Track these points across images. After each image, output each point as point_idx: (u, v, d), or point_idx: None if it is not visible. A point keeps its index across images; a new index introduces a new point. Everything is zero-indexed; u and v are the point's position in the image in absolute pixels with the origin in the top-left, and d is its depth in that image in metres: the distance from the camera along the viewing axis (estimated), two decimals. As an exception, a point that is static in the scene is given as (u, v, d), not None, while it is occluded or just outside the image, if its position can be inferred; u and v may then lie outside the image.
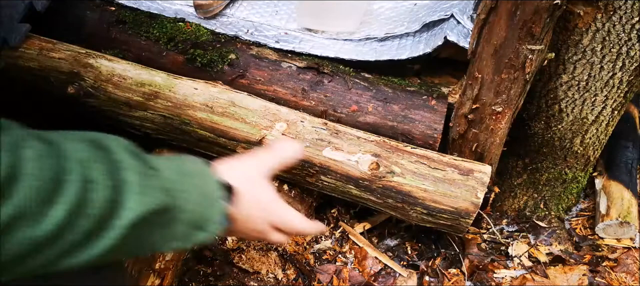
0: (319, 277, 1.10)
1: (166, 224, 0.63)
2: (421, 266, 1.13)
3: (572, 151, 1.10)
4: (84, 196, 0.53)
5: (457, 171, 0.93)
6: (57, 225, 0.51)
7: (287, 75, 1.05)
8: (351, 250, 1.17)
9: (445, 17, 1.03)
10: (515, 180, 1.21)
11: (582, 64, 0.94)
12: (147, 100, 1.00)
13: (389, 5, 1.18)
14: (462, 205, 0.91)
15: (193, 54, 1.07)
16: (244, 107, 0.99)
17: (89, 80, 1.01)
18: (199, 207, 0.66)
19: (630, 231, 1.17)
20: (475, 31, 0.86)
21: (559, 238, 1.19)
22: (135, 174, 0.58)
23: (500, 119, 0.94)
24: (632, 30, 0.87)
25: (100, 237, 0.55)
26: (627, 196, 1.18)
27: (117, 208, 0.56)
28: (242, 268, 1.09)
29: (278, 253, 1.12)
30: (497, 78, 0.88)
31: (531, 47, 0.81)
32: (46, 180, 0.50)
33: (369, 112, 1.02)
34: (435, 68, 1.10)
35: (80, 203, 0.52)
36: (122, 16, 1.10)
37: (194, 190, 0.66)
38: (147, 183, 0.59)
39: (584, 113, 1.02)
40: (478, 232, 1.20)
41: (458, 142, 1.02)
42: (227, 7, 1.17)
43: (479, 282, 1.11)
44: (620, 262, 1.14)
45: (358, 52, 1.08)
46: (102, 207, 0.54)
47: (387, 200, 0.95)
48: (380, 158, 0.93)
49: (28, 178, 0.49)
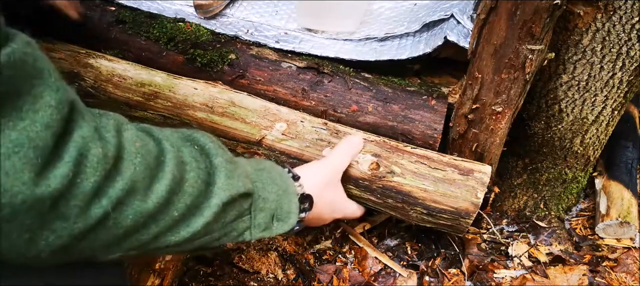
0: (319, 277, 1.10)
1: (250, 210, 0.67)
2: (421, 266, 1.13)
3: (572, 151, 1.10)
4: (181, 175, 0.57)
5: (457, 171, 0.93)
6: (163, 198, 0.54)
7: (287, 75, 1.05)
8: (351, 250, 1.17)
9: (445, 17, 1.03)
10: (515, 180, 1.21)
11: (582, 64, 0.94)
12: (147, 100, 1.00)
13: (389, 5, 1.18)
14: (462, 205, 0.91)
15: (193, 54, 1.07)
16: (244, 107, 0.99)
17: (89, 80, 1.01)
18: (279, 199, 0.71)
19: (630, 231, 1.17)
20: (475, 31, 0.86)
21: (559, 238, 1.19)
22: (223, 160, 0.63)
23: (500, 119, 0.94)
24: (632, 30, 0.87)
25: (197, 215, 0.59)
26: (627, 196, 1.18)
27: (211, 188, 0.60)
28: (242, 268, 1.09)
29: (278, 253, 1.12)
30: (497, 78, 0.88)
31: (531, 47, 0.81)
32: (149, 159, 0.55)
33: (369, 112, 1.02)
34: (435, 68, 1.10)
35: (178, 181, 0.57)
36: (122, 16, 1.10)
37: (272, 183, 0.71)
38: (232, 168, 0.64)
39: (584, 113, 1.02)
40: (478, 232, 1.20)
41: (458, 142, 1.02)
42: (227, 7, 1.17)
43: (479, 282, 1.11)
44: (620, 262, 1.14)
45: (358, 52, 1.08)
46: (197, 186, 0.59)
47: (387, 200, 0.95)
48: (380, 158, 0.93)
49: (134, 156, 0.53)
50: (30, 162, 0.44)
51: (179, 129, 0.66)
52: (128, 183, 0.51)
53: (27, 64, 0.44)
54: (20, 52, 0.43)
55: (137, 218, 0.53)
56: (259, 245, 1.13)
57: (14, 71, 0.43)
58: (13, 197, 0.43)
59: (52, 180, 0.45)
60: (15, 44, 0.43)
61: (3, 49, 0.42)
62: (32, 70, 0.45)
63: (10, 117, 0.43)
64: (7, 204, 0.44)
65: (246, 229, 0.68)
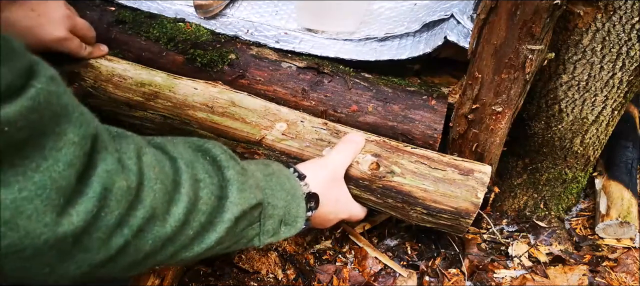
0: (319, 277, 1.10)
1: (259, 219, 0.67)
2: (421, 266, 1.13)
3: (572, 151, 1.10)
4: (195, 194, 0.57)
5: (457, 171, 0.93)
6: (180, 221, 0.55)
7: (287, 75, 1.05)
8: (351, 250, 1.17)
9: (445, 17, 1.03)
10: (515, 180, 1.21)
11: (582, 64, 0.94)
12: (147, 100, 1.00)
13: (389, 5, 1.18)
14: (462, 205, 0.91)
15: (193, 54, 1.07)
16: (244, 107, 0.99)
17: (89, 80, 1.01)
18: (287, 204, 0.72)
19: (630, 231, 1.17)
20: (475, 31, 0.86)
21: (559, 238, 1.19)
22: (234, 173, 0.63)
23: (500, 119, 0.94)
24: (632, 30, 0.87)
25: (211, 231, 0.59)
26: (627, 196, 1.18)
27: (224, 203, 0.60)
28: (242, 268, 1.09)
29: (278, 253, 1.12)
30: (497, 78, 0.88)
31: (531, 47, 0.81)
32: (167, 183, 0.55)
33: (369, 112, 1.02)
34: (435, 68, 1.10)
35: (194, 201, 0.57)
36: (122, 16, 1.10)
37: (281, 190, 0.71)
38: (244, 180, 0.64)
39: (584, 113, 1.02)
40: (478, 232, 1.20)
41: (458, 142, 1.02)
42: (227, 7, 1.17)
43: (479, 282, 1.11)
44: (620, 262, 1.14)
45: (358, 52, 1.08)
46: (211, 203, 0.59)
47: (387, 200, 0.95)
48: (380, 158, 0.93)
49: (154, 182, 0.53)
50: (52, 203, 0.43)
51: (190, 139, 0.66)
52: (149, 210, 0.51)
53: (51, 104, 0.42)
54: (45, 92, 0.41)
55: (156, 243, 0.53)
56: (259, 245, 1.13)
57: (38, 114, 0.41)
58: (35, 238, 0.43)
59: (74, 217, 0.45)
60: (39, 82, 0.41)
61: (27, 92, 0.40)
62: (57, 108, 0.43)
63: (33, 158, 0.42)
64: (29, 245, 0.43)
65: (255, 236, 0.68)
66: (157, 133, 1.05)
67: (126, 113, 1.02)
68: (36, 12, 0.87)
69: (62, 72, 1.06)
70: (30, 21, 0.86)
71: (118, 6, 1.13)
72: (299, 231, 0.74)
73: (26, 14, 0.86)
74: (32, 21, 0.87)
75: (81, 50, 0.98)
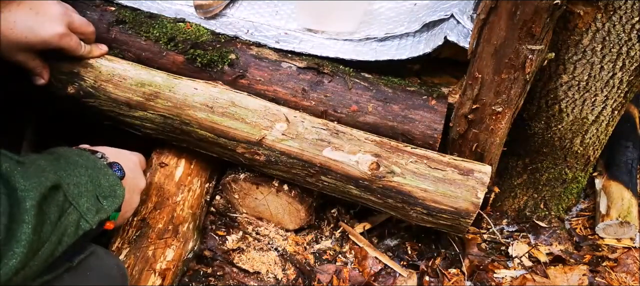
0: (319, 277, 1.10)
1: (69, 202, 0.66)
2: (421, 266, 1.13)
3: (572, 151, 1.10)
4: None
5: (457, 171, 0.93)
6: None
7: (287, 75, 1.05)
8: (351, 250, 1.17)
9: (445, 17, 1.03)
10: (515, 180, 1.21)
11: (582, 64, 0.94)
12: (147, 100, 1.00)
13: (389, 5, 1.18)
14: (462, 205, 0.91)
15: (193, 54, 1.07)
16: (244, 107, 0.99)
17: (89, 80, 1.01)
18: (94, 178, 0.72)
19: (630, 231, 1.17)
20: (475, 31, 0.86)
21: (559, 238, 1.19)
22: (9, 165, 0.60)
23: (500, 119, 0.94)
24: (632, 30, 0.87)
25: (17, 231, 0.56)
26: (627, 196, 1.18)
27: (15, 194, 0.57)
28: (242, 268, 1.09)
29: (278, 253, 1.12)
30: (497, 78, 0.88)
31: (531, 47, 0.81)
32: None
33: (369, 112, 1.02)
34: (435, 68, 1.10)
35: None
36: (122, 16, 1.10)
37: (76, 167, 0.70)
38: (24, 169, 0.61)
39: (584, 113, 1.02)
40: (478, 232, 1.20)
41: (458, 142, 1.02)
42: (227, 7, 1.17)
43: (479, 282, 1.11)
44: (620, 262, 1.14)
45: (358, 52, 1.08)
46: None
47: (387, 200, 0.95)
48: (380, 158, 0.93)
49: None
50: None
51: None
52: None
53: None
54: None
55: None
56: (259, 245, 1.13)
57: None
58: None
59: None
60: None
61: None
62: None
63: None
64: None
65: (79, 219, 0.67)
66: (157, 133, 1.05)
67: (126, 113, 1.02)
68: (34, 10, 0.89)
69: (61, 71, 1.06)
70: (29, 19, 0.88)
71: (118, 6, 1.13)
72: (122, 201, 0.75)
73: (25, 13, 0.88)
74: (31, 19, 0.88)
75: (80, 48, 0.98)
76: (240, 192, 1.12)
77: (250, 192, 1.11)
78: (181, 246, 1.02)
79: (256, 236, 1.14)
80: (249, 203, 1.14)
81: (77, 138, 0.92)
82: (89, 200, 0.70)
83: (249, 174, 1.08)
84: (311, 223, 1.17)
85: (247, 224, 1.15)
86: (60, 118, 1.15)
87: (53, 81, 1.01)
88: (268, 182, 1.07)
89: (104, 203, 0.72)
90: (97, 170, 0.74)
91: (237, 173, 1.09)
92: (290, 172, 0.99)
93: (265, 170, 1.03)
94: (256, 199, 1.12)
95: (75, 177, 0.69)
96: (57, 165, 0.69)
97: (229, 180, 1.10)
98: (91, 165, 0.74)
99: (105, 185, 0.74)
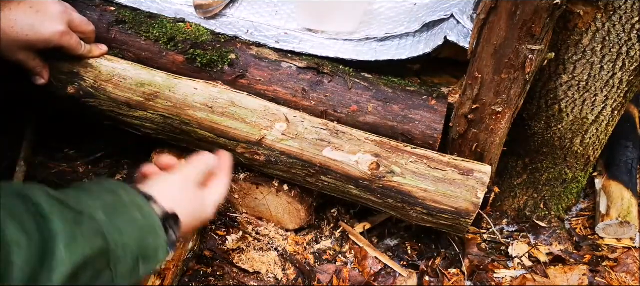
0: (319, 277, 1.10)
1: (109, 265, 0.59)
2: (421, 266, 1.13)
3: (572, 151, 1.10)
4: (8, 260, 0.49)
5: (457, 171, 0.93)
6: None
7: (287, 75, 1.05)
8: (351, 250, 1.17)
9: (445, 17, 1.03)
10: (515, 180, 1.21)
11: (582, 64, 0.94)
12: (147, 100, 1.00)
13: (389, 5, 1.18)
14: (462, 205, 0.91)
15: (193, 54, 1.07)
16: (244, 107, 0.99)
17: (89, 80, 1.01)
18: (142, 241, 0.64)
19: (630, 231, 1.17)
20: (475, 31, 0.86)
21: (559, 238, 1.19)
22: (61, 222, 0.54)
23: (500, 119, 0.94)
24: (632, 30, 0.87)
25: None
26: (627, 196, 1.18)
27: (50, 263, 0.52)
28: (242, 268, 1.09)
29: (278, 253, 1.12)
30: (497, 78, 0.88)
31: (531, 47, 0.81)
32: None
33: (369, 112, 1.02)
34: (435, 68, 1.10)
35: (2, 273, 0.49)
36: (122, 16, 1.10)
37: (131, 225, 0.63)
38: (75, 229, 0.56)
39: (584, 113, 1.02)
40: (478, 232, 1.20)
41: (458, 142, 1.02)
42: (227, 7, 1.17)
43: (479, 282, 1.11)
44: (620, 262, 1.14)
45: (358, 52, 1.08)
46: (29, 269, 0.51)
47: (387, 200, 0.95)
48: (380, 158, 0.93)
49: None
50: None
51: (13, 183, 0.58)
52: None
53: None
54: None
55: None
56: (259, 245, 1.13)
57: None
58: None
59: None
60: None
61: None
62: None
63: None
64: None
65: (110, 282, 0.60)
66: (157, 133, 1.05)
67: (126, 113, 1.02)
68: (34, 9, 0.89)
69: (61, 71, 1.06)
70: (29, 18, 0.88)
71: (118, 6, 1.13)
72: (164, 261, 0.67)
73: (25, 11, 0.88)
74: (32, 17, 0.88)
75: (80, 47, 0.98)
76: (240, 191, 1.12)
77: (250, 192, 1.11)
78: (181, 246, 1.02)
79: (256, 236, 1.14)
80: (249, 203, 1.14)
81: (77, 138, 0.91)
82: (127, 263, 0.62)
83: (248, 174, 1.08)
84: (311, 223, 1.17)
85: (247, 224, 1.15)
86: (60, 118, 1.15)
87: (53, 81, 1.00)
88: (268, 182, 1.07)
89: (141, 268, 0.64)
90: (148, 228, 0.65)
91: (237, 173, 1.09)
92: (290, 172, 1.00)
93: (265, 170, 1.03)
94: (256, 199, 1.12)
95: (126, 237, 0.61)
96: (113, 220, 0.61)
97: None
98: (146, 222, 0.65)
99: (151, 246, 0.65)
